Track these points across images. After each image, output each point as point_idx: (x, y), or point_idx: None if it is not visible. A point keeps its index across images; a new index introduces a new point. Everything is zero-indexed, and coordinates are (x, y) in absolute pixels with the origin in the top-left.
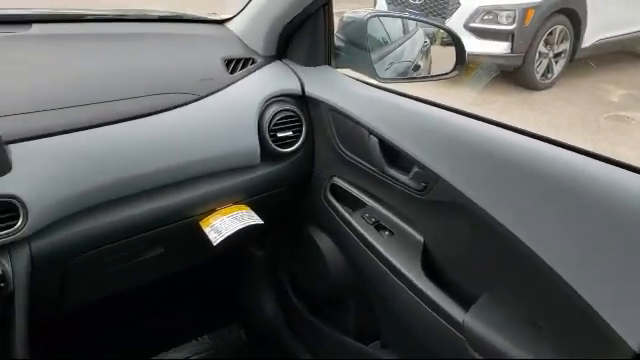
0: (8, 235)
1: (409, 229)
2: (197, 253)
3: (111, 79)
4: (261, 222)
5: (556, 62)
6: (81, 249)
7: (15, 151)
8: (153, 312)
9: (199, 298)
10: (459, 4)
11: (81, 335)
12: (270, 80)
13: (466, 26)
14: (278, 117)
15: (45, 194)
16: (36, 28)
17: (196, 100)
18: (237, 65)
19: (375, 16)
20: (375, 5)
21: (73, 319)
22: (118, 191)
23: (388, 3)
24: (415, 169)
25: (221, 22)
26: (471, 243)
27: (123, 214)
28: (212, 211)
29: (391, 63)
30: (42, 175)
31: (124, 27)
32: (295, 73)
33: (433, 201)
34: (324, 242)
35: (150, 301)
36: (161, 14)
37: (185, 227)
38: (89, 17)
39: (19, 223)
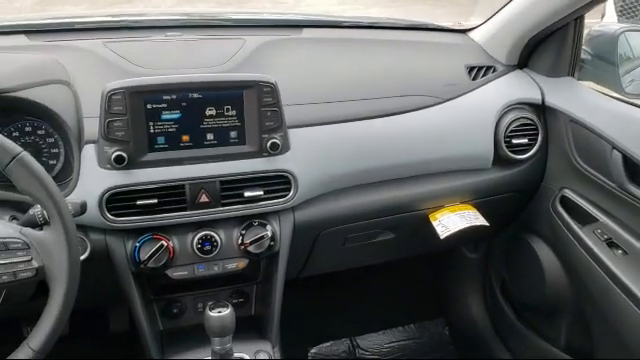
0: (281, 203)
1: None
2: (423, 243)
3: (369, 79)
4: (486, 224)
5: None
6: (330, 223)
7: (293, 135)
8: (370, 294)
9: (411, 289)
10: None
11: (304, 300)
12: (510, 88)
13: None
14: (515, 124)
15: (312, 173)
16: (306, 32)
17: (440, 103)
18: (479, 72)
19: (628, 31)
20: (602, 17)
21: (304, 285)
22: (364, 178)
23: (619, 16)
24: None
25: (464, 31)
26: None
27: (365, 199)
28: (440, 207)
29: (631, 80)
30: (311, 157)
31: (376, 33)
32: (536, 82)
33: None
34: (544, 252)
35: (369, 284)
36: (409, 23)
37: (414, 218)
38: (347, 24)
39: (290, 194)
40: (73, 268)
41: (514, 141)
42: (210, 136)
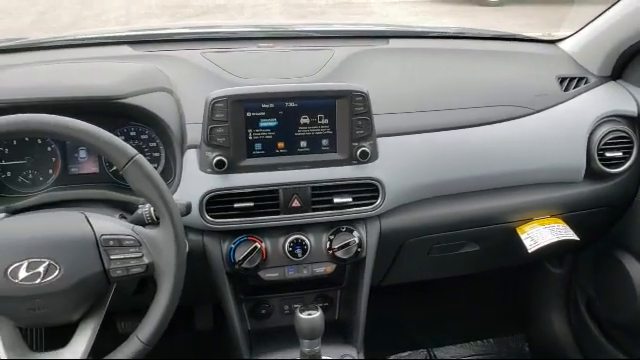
0: (368, 210)
1: None
2: (507, 256)
3: (457, 89)
4: (577, 238)
5: None
6: (415, 232)
7: (382, 143)
8: (449, 306)
9: (492, 303)
10: None
11: (384, 308)
12: (604, 100)
13: None
14: (609, 137)
15: (399, 182)
16: (393, 43)
17: (531, 114)
18: (571, 83)
19: None
20: None
21: (385, 293)
22: (452, 188)
23: None
24: None
25: (553, 42)
26: None
27: (452, 209)
28: (529, 220)
29: None
30: (399, 166)
31: (463, 44)
32: (631, 94)
33: None
34: (636, 269)
35: (449, 295)
36: (496, 33)
37: (501, 230)
38: (434, 34)
39: (377, 202)
40: (180, 264)
41: (607, 154)
42: (303, 143)
